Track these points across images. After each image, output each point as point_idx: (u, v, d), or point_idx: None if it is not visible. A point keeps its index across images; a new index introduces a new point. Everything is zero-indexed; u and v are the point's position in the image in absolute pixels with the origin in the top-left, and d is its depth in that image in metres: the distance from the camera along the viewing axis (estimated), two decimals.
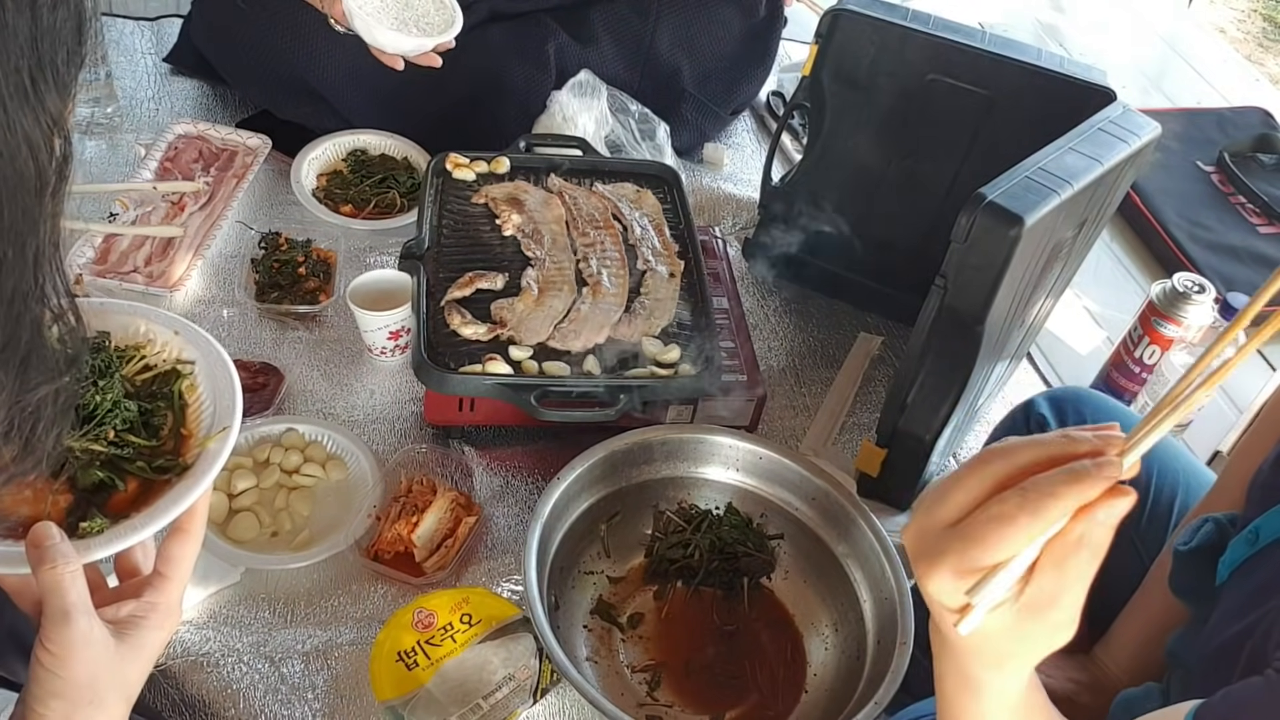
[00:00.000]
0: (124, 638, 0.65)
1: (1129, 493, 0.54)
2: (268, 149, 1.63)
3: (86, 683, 0.62)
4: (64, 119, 0.48)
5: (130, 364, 0.75)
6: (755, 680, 1.11)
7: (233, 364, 0.76)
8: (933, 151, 1.44)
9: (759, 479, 1.21)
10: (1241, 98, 2.44)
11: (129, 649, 0.64)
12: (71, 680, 0.61)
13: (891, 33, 1.39)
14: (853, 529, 1.13)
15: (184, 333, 0.77)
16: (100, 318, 0.77)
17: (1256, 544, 0.76)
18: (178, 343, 0.77)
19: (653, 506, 1.19)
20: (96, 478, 0.70)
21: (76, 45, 0.48)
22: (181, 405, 0.75)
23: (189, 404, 0.75)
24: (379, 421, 1.34)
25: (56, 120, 0.47)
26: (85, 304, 0.73)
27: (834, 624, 1.15)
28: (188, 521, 0.69)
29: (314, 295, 1.45)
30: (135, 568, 0.72)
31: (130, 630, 0.65)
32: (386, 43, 1.41)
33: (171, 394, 0.75)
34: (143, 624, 0.66)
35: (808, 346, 1.56)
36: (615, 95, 1.69)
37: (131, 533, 0.66)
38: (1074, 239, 1.24)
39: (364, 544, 1.17)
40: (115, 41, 1.83)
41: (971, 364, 1.16)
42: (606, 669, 1.11)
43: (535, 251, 1.38)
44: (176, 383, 0.76)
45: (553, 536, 1.12)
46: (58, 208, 0.49)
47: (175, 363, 0.76)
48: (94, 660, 0.62)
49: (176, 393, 0.75)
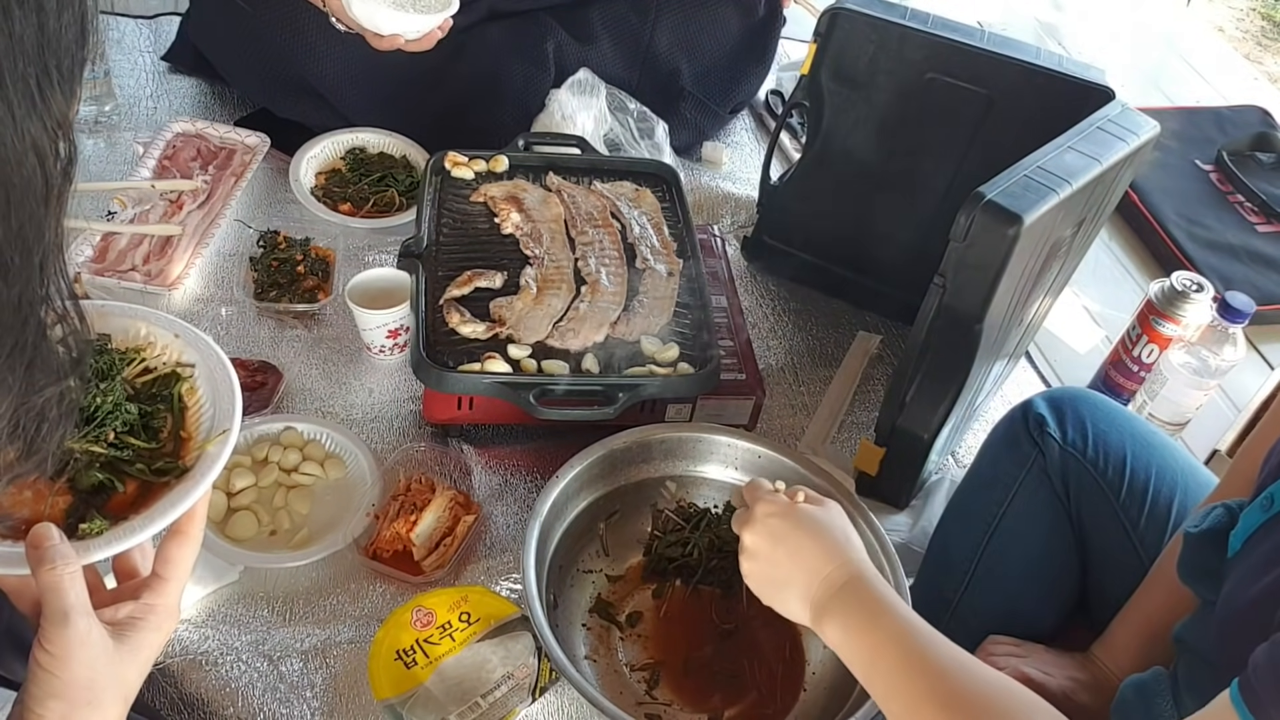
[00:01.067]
0: (122, 639, 0.65)
1: None
2: (266, 147, 1.63)
3: (85, 683, 0.62)
4: (68, 122, 0.48)
5: (131, 366, 0.76)
6: (754, 679, 1.11)
7: (232, 367, 0.77)
8: (931, 150, 1.44)
9: (758, 477, 1.21)
10: (1240, 96, 2.44)
11: (127, 650, 0.65)
12: (70, 681, 0.61)
13: (890, 31, 1.39)
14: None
15: (184, 335, 0.78)
16: (102, 320, 0.77)
17: (1271, 509, 0.76)
18: (178, 345, 0.77)
19: (651, 505, 1.19)
20: (96, 479, 0.70)
21: (80, 48, 0.48)
22: (181, 408, 0.75)
23: (189, 407, 0.75)
24: (378, 420, 1.34)
25: (61, 123, 0.47)
26: (87, 306, 0.72)
27: None
28: (187, 524, 0.69)
29: (312, 294, 1.44)
30: (134, 569, 0.72)
31: (128, 631, 0.65)
32: (386, 24, 1.39)
33: (171, 397, 0.75)
34: (141, 625, 0.66)
35: (806, 345, 1.56)
36: (614, 94, 1.69)
37: (131, 534, 0.66)
38: (1072, 238, 1.24)
39: (362, 542, 1.17)
40: (114, 40, 1.83)
41: (970, 363, 1.16)
42: (605, 667, 1.11)
43: (534, 250, 1.38)
44: (176, 385, 0.76)
45: (551, 535, 1.12)
46: (62, 211, 0.49)
47: (175, 365, 0.77)
48: (92, 661, 0.62)
49: (176, 395, 0.75)
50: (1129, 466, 1.06)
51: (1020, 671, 1.01)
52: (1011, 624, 1.09)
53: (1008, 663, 1.03)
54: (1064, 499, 1.08)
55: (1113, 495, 1.05)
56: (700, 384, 1.25)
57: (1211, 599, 0.83)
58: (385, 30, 1.40)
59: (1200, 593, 0.87)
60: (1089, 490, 1.06)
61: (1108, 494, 1.06)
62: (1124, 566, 1.05)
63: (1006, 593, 1.10)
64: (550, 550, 1.11)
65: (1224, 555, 0.82)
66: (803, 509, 0.89)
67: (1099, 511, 1.06)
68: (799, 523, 0.87)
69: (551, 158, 1.55)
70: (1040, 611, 1.10)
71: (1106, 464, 1.06)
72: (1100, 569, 1.08)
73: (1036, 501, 1.09)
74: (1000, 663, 1.03)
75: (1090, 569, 1.09)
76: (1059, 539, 1.08)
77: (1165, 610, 0.96)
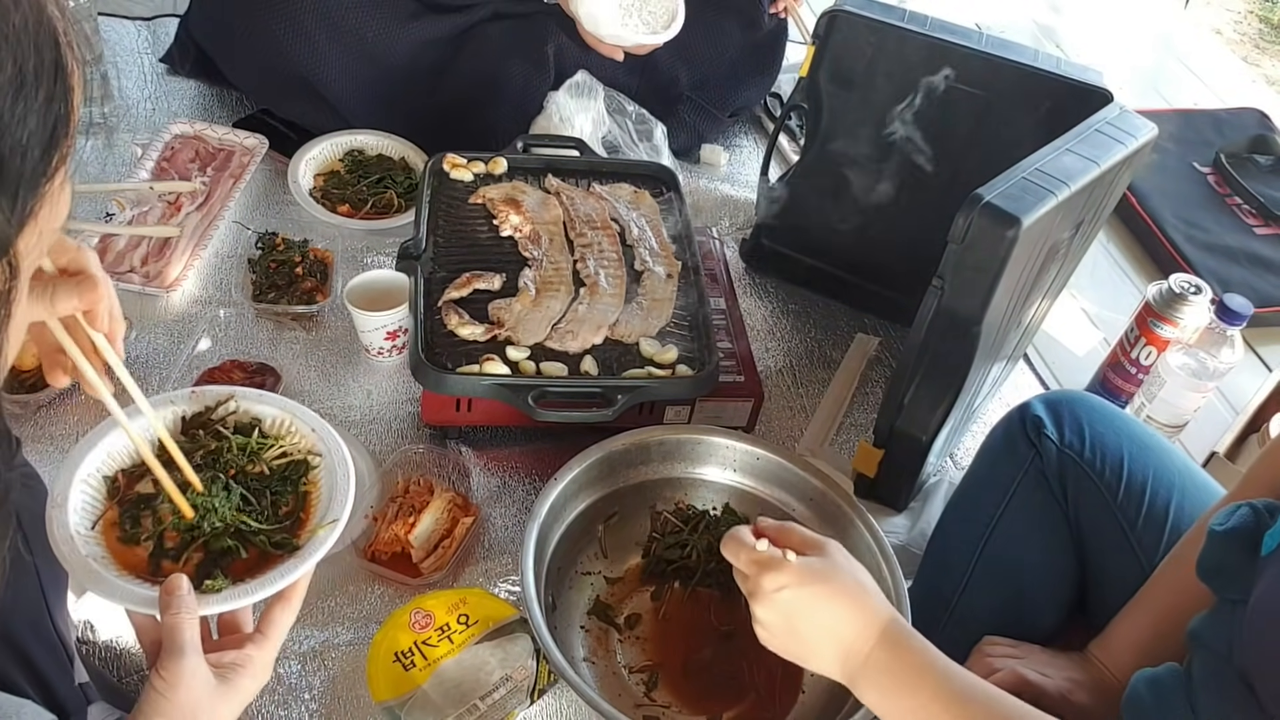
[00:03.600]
0: (223, 680, 0.74)
1: None
2: (265, 149, 1.63)
3: (188, 711, 0.71)
4: (12, 245, 0.47)
5: (270, 450, 0.88)
6: (752, 680, 1.11)
7: (353, 465, 0.87)
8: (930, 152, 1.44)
9: (756, 479, 1.21)
10: (1238, 99, 2.44)
11: (226, 689, 0.74)
12: (177, 704, 0.71)
13: (888, 34, 1.39)
14: (850, 529, 1.13)
15: (319, 430, 0.89)
16: (258, 405, 0.90)
17: None
18: (313, 438, 0.89)
19: (650, 507, 1.19)
20: (225, 544, 0.81)
21: (30, 171, 0.47)
22: (305, 493, 0.87)
23: (310, 493, 0.87)
24: (376, 422, 1.34)
25: (4, 247, 0.46)
26: (245, 392, 0.89)
27: None
28: (291, 593, 0.79)
29: (311, 295, 1.44)
30: (237, 625, 0.82)
31: (229, 675, 0.75)
32: (606, 27, 1.50)
33: (298, 482, 0.87)
34: (241, 672, 0.75)
35: (805, 347, 1.56)
36: (612, 96, 1.69)
37: (245, 595, 0.77)
38: (1071, 240, 1.24)
39: (361, 545, 1.17)
40: (112, 42, 1.83)
41: (968, 365, 1.16)
42: (604, 670, 1.11)
43: (533, 252, 1.38)
44: (305, 473, 0.88)
45: (550, 537, 1.12)
46: (4, 332, 0.49)
47: (307, 454, 0.88)
48: (197, 692, 0.72)
49: (302, 482, 0.87)
50: (1126, 468, 1.06)
51: (1017, 673, 1.01)
52: (1009, 625, 1.09)
53: (1004, 663, 1.03)
54: (1061, 501, 1.08)
55: (1110, 497, 1.05)
56: (699, 386, 1.25)
57: (1234, 598, 0.82)
58: (605, 35, 1.46)
59: (1222, 591, 0.87)
60: (1087, 492, 1.07)
61: (1105, 496, 1.06)
62: (1122, 567, 1.05)
63: (1004, 594, 1.10)
64: (549, 552, 1.11)
65: (1251, 554, 0.82)
66: (809, 571, 0.86)
67: (1096, 513, 1.06)
68: (813, 592, 0.84)
69: (550, 160, 1.55)
70: (1038, 613, 1.10)
71: (1104, 466, 1.06)
72: (1098, 570, 1.08)
73: (1034, 503, 1.09)
74: (996, 664, 1.03)
75: (1088, 570, 1.09)
76: (1057, 541, 1.08)
77: (1172, 608, 0.95)
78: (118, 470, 0.85)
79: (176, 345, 1.38)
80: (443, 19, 1.66)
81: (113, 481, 0.84)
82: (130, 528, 0.81)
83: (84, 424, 1.27)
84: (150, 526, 0.81)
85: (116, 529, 0.81)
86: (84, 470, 0.82)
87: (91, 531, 0.80)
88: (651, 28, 1.63)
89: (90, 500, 0.82)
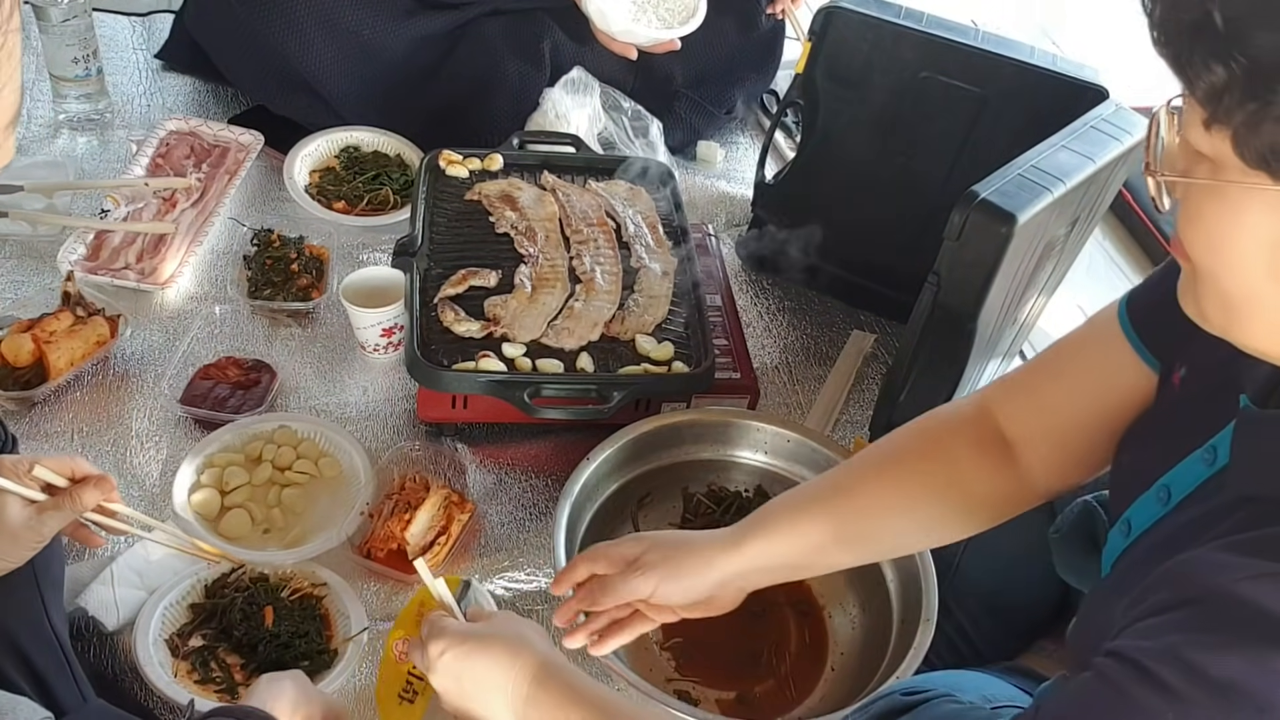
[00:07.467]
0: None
1: None
2: (260, 145, 1.63)
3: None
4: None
5: (285, 590, 1.11)
6: (782, 656, 1.12)
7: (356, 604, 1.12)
8: (926, 149, 1.44)
9: (788, 461, 1.22)
10: None
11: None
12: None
13: (885, 30, 1.39)
14: None
15: (321, 573, 1.14)
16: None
17: (1130, 535, 0.76)
18: (319, 573, 1.14)
19: (683, 489, 1.21)
20: (272, 658, 1.06)
21: None
22: (322, 615, 1.11)
23: (329, 617, 1.11)
24: (372, 418, 1.34)
25: None
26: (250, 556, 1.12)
27: (861, 603, 1.17)
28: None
29: (306, 292, 1.44)
30: None
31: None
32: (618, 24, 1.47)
33: (315, 611, 1.12)
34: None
35: (801, 344, 1.56)
36: (608, 92, 1.69)
37: None
38: (1066, 237, 1.25)
39: (356, 541, 1.17)
40: (107, 38, 1.82)
41: (964, 361, 1.17)
42: (635, 645, 1.10)
43: (529, 248, 1.38)
44: (316, 604, 1.11)
45: (582, 516, 1.13)
46: None
47: (311, 588, 1.12)
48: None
49: (318, 609, 1.12)
50: None
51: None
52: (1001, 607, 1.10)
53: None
54: None
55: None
56: (695, 382, 1.25)
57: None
58: (616, 31, 1.45)
59: (1085, 588, 0.89)
60: None
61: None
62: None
63: (995, 575, 1.11)
64: (581, 531, 1.12)
65: (1095, 551, 0.84)
66: (465, 630, 0.86)
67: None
68: (469, 648, 0.84)
69: (546, 156, 1.55)
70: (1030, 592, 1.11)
71: None
72: None
73: None
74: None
75: None
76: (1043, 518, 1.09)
77: None
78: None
79: (172, 342, 1.37)
80: (439, 15, 1.66)
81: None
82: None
83: (80, 421, 1.27)
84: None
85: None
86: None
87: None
88: (667, 23, 1.59)
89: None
